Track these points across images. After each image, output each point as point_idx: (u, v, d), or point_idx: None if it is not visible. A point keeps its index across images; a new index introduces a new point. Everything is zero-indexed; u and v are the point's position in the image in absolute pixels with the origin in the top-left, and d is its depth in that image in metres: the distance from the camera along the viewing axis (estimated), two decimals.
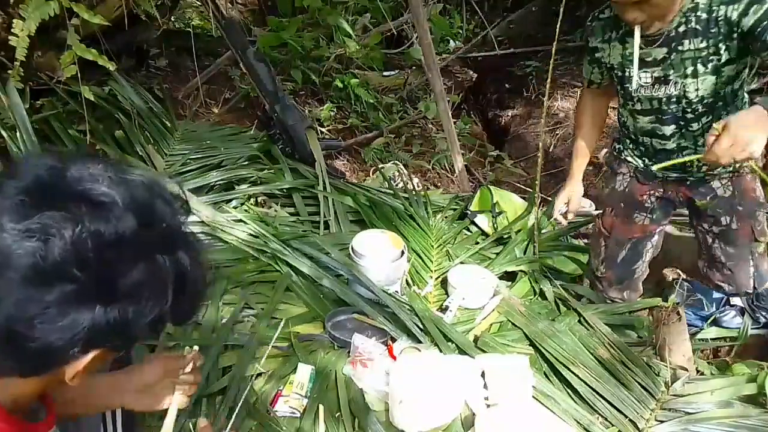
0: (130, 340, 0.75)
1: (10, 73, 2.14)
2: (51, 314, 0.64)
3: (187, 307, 0.79)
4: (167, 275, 0.72)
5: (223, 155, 2.79)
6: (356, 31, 4.01)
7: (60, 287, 0.64)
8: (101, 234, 0.65)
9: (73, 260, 0.64)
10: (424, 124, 4.14)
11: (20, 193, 0.66)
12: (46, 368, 0.71)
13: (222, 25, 2.92)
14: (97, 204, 0.67)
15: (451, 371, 1.60)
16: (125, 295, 0.68)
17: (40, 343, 0.66)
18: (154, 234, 0.71)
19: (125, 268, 0.68)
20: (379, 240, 2.10)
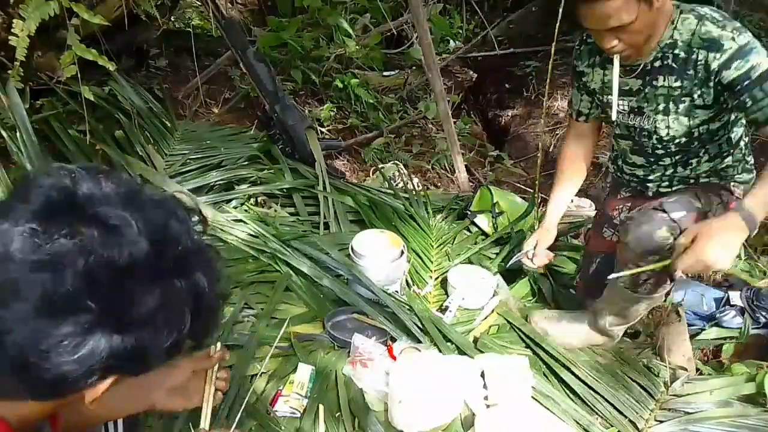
0: (147, 366, 0.72)
1: (10, 73, 2.14)
2: (65, 346, 0.63)
3: (204, 328, 0.76)
4: (184, 299, 0.70)
5: (223, 155, 2.79)
6: (356, 31, 4.01)
7: (73, 319, 0.62)
8: (114, 261, 0.63)
9: (85, 290, 0.62)
10: (424, 124, 4.14)
11: (30, 221, 0.63)
12: (61, 395, 0.70)
13: (222, 25, 2.92)
14: (109, 228, 0.64)
15: (451, 371, 1.60)
16: (141, 322, 0.66)
17: (55, 374, 0.64)
18: (169, 258, 0.68)
19: (140, 294, 0.66)
20: (378, 240, 2.10)
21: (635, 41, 1.44)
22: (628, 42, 1.43)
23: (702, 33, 1.41)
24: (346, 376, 1.67)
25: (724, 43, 1.37)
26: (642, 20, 1.38)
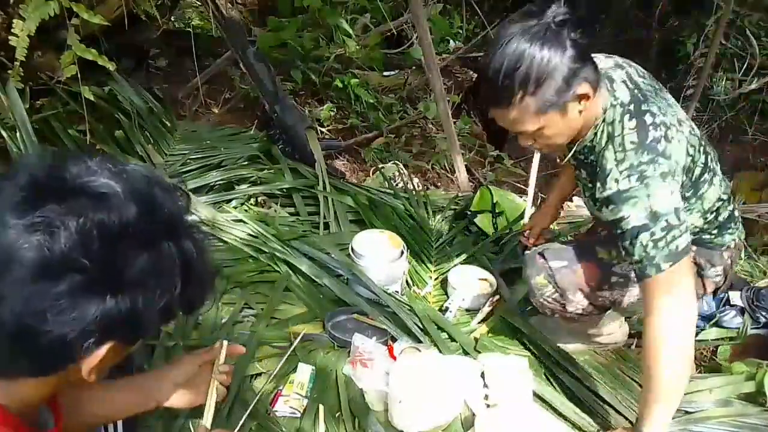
0: (141, 331, 0.75)
1: (10, 73, 2.14)
2: (62, 306, 0.65)
3: (195, 296, 0.79)
4: (173, 262, 0.72)
5: (223, 155, 2.79)
6: (356, 31, 4.00)
7: (69, 278, 0.64)
8: (105, 223, 0.66)
9: (79, 250, 0.64)
10: (424, 124, 4.14)
11: (19, 193, 0.66)
12: (60, 363, 0.71)
13: (222, 25, 2.92)
14: (97, 195, 0.67)
15: (451, 371, 1.60)
16: (133, 283, 0.69)
17: (53, 337, 0.66)
18: (157, 221, 0.71)
19: (131, 256, 0.68)
20: (378, 240, 2.10)
21: (549, 144, 1.38)
22: (542, 144, 1.38)
23: (602, 157, 1.32)
24: (346, 376, 1.67)
25: (608, 181, 1.29)
26: (553, 128, 1.31)
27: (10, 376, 0.73)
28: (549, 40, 1.20)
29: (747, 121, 4.26)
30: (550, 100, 1.24)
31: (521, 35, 1.21)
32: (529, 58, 1.20)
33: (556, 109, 1.26)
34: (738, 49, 4.25)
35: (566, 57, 1.21)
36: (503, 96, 1.27)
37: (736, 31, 4.25)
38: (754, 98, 4.22)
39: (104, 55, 2.25)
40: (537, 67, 1.20)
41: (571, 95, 1.25)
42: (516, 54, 1.21)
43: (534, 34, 1.20)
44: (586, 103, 1.29)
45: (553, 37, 1.20)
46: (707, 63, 3.13)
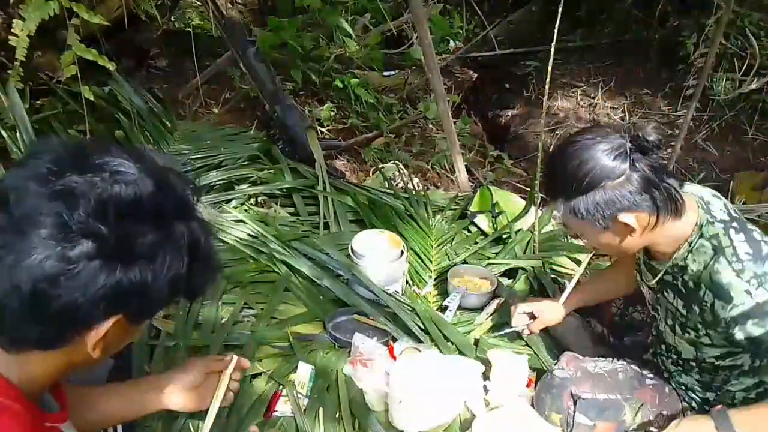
0: (147, 306, 0.78)
1: (10, 73, 2.14)
2: (74, 271, 0.68)
3: (200, 280, 0.83)
4: (182, 240, 0.77)
5: (223, 155, 2.79)
6: (356, 31, 4.01)
7: (84, 244, 0.68)
8: (120, 196, 0.71)
9: (95, 219, 0.68)
10: (424, 124, 4.14)
11: (43, 165, 0.70)
12: (68, 331, 0.74)
13: (222, 25, 2.92)
14: (115, 171, 0.72)
15: (451, 371, 1.60)
16: (143, 256, 0.72)
17: (64, 302, 0.69)
18: (169, 200, 0.76)
19: (143, 230, 0.72)
20: (378, 240, 2.10)
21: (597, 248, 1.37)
22: (590, 245, 1.36)
23: (713, 271, 1.21)
24: (346, 376, 1.67)
25: (735, 296, 1.17)
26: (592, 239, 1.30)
27: (18, 347, 0.75)
28: (614, 157, 1.18)
29: (747, 121, 4.26)
30: (583, 212, 1.21)
31: (590, 140, 1.20)
32: (582, 161, 1.19)
33: (590, 224, 1.23)
34: (738, 49, 4.25)
35: (619, 182, 1.18)
36: (546, 189, 1.30)
37: (736, 31, 4.25)
38: (754, 98, 4.22)
39: (104, 55, 2.25)
40: (581, 178, 1.19)
41: (610, 218, 1.21)
42: (574, 153, 1.21)
43: (603, 146, 1.19)
44: (632, 232, 1.23)
45: (620, 156, 1.18)
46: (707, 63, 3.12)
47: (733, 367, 1.33)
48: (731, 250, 1.20)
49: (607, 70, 4.99)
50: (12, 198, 0.68)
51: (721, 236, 1.23)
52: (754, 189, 3.58)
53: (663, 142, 1.21)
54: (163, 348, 1.70)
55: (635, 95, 4.69)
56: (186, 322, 1.79)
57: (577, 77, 4.98)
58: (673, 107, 4.51)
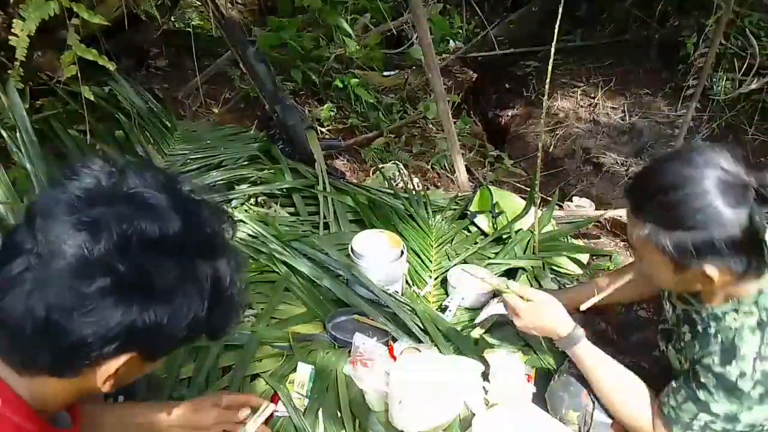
0: (162, 346, 0.76)
1: (10, 73, 2.14)
2: (89, 307, 0.67)
3: (220, 321, 0.80)
4: (205, 282, 0.73)
5: (223, 155, 2.79)
6: (356, 31, 4.00)
7: (101, 280, 0.66)
8: (145, 232, 0.68)
9: (116, 254, 0.67)
10: (424, 124, 4.14)
11: (77, 191, 0.70)
12: (78, 364, 0.72)
13: (222, 25, 2.92)
14: (145, 205, 0.70)
15: (451, 371, 1.60)
16: (162, 296, 0.70)
17: (75, 337, 0.67)
18: (197, 238, 0.73)
19: (165, 269, 0.70)
20: (378, 240, 2.10)
21: (648, 274, 1.21)
22: (642, 269, 1.22)
23: (740, 337, 1.10)
24: (346, 376, 1.67)
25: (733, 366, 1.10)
26: (653, 268, 1.16)
27: (32, 371, 0.74)
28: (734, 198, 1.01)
29: (747, 121, 4.25)
30: (671, 248, 1.06)
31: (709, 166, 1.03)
32: (695, 192, 1.02)
33: (669, 260, 1.08)
34: (738, 49, 4.25)
35: (730, 228, 1.01)
36: (635, 201, 1.13)
37: (736, 31, 4.25)
38: (754, 98, 4.22)
39: (104, 55, 2.25)
40: (693, 207, 1.02)
41: (694, 263, 1.06)
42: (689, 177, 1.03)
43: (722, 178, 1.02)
44: (707, 282, 1.09)
45: (739, 199, 1.01)
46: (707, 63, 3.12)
47: None
48: (759, 338, 1.08)
49: (607, 70, 4.99)
50: (38, 221, 0.68)
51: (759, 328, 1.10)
52: None
53: None
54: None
55: (635, 95, 4.69)
56: None
57: (577, 77, 4.98)
58: (673, 107, 4.51)
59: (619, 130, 4.43)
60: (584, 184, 4.06)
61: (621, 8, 5.19)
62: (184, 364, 1.66)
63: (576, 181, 4.10)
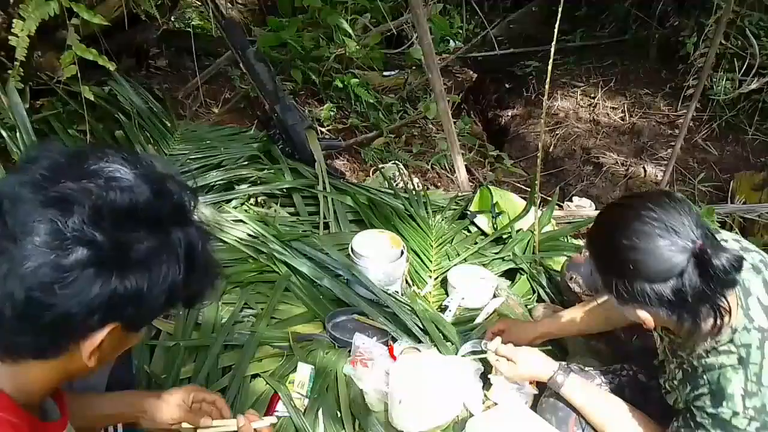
0: (144, 314, 0.77)
1: (10, 73, 2.14)
2: (69, 279, 0.67)
3: (197, 287, 0.82)
4: (178, 247, 0.75)
5: (223, 155, 2.79)
6: (356, 31, 4.01)
7: (78, 252, 0.67)
8: (116, 203, 0.69)
9: (90, 226, 0.67)
10: (424, 124, 4.14)
11: (39, 172, 0.70)
12: (63, 341, 0.73)
13: (222, 25, 2.92)
14: (112, 178, 0.71)
15: (451, 371, 1.60)
16: (139, 264, 0.71)
17: (58, 312, 0.68)
18: (166, 206, 0.75)
19: (139, 236, 0.71)
20: (378, 240, 2.10)
21: None
22: None
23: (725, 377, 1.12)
24: (346, 376, 1.67)
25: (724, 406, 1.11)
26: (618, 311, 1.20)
27: (14, 357, 0.74)
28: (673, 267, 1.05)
29: (747, 121, 4.26)
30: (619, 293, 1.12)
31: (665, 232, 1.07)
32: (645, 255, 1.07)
33: (612, 295, 1.16)
34: (738, 49, 4.25)
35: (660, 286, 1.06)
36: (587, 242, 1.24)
37: (736, 31, 4.25)
38: (754, 98, 4.22)
39: (104, 55, 2.25)
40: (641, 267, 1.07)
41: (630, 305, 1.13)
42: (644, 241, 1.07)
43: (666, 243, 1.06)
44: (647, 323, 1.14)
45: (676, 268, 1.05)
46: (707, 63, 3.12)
47: None
48: (756, 368, 1.10)
49: (607, 70, 4.99)
50: (5, 205, 0.67)
51: (753, 349, 1.11)
52: (754, 189, 3.58)
53: (734, 267, 1.04)
54: (163, 348, 1.70)
55: (635, 95, 4.69)
56: (186, 322, 1.80)
57: (577, 77, 4.98)
58: (673, 107, 4.51)
59: (619, 130, 4.44)
60: (584, 184, 4.06)
61: (621, 8, 5.19)
62: (184, 364, 1.66)
63: (576, 181, 4.11)
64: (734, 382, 1.11)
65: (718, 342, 1.15)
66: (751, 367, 1.10)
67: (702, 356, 1.18)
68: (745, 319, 1.13)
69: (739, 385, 1.10)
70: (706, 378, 1.16)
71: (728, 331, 1.14)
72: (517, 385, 1.59)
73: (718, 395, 1.12)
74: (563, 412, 1.44)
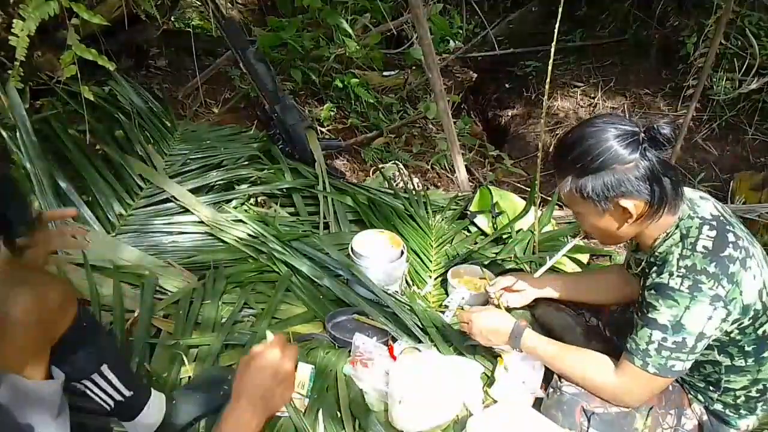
0: None
1: (10, 73, 2.14)
2: None
3: None
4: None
5: (223, 155, 2.79)
6: (356, 31, 4.01)
7: None
8: None
9: None
10: (424, 124, 4.14)
11: None
12: None
13: (222, 25, 2.92)
14: None
15: (451, 371, 1.60)
16: None
17: None
18: None
19: None
20: (378, 240, 2.10)
21: (591, 232, 1.41)
22: (587, 229, 1.40)
23: (669, 251, 1.29)
24: (346, 376, 1.67)
25: (664, 272, 1.26)
26: (589, 220, 1.33)
27: None
28: (624, 145, 1.22)
29: (747, 121, 4.26)
30: (587, 192, 1.26)
31: (606, 124, 1.25)
32: (592, 145, 1.23)
33: (593, 204, 1.27)
34: (738, 49, 4.25)
35: (628, 168, 1.22)
36: (555, 163, 1.33)
37: (736, 31, 4.25)
38: (754, 98, 4.22)
39: (104, 55, 2.24)
40: (593, 157, 1.23)
41: (612, 201, 1.26)
42: (585, 135, 1.25)
43: (616, 133, 1.23)
44: (629, 218, 1.28)
45: (631, 145, 1.22)
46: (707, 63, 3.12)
47: (705, 361, 1.38)
48: (692, 240, 1.26)
49: (607, 70, 4.99)
50: None
51: (693, 229, 1.28)
52: (754, 189, 3.58)
53: (675, 137, 1.24)
54: (163, 347, 1.70)
55: (635, 95, 4.69)
56: (186, 321, 1.80)
57: (577, 77, 4.98)
58: (673, 107, 4.51)
59: None
60: None
61: (621, 8, 5.19)
62: (184, 364, 1.66)
63: None
64: (674, 252, 1.27)
65: (668, 233, 1.32)
66: (688, 240, 1.27)
67: (656, 252, 1.33)
68: (689, 211, 1.31)
69: (676, 252, 1.27)
70: (656, 262, 1.32)
71: (671, 222, 1.31)
72: (521, 383, 1.59)
73: (662, 266, 1.28)
74: (568, 404, 1.44)
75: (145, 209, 2.36)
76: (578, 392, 1.45)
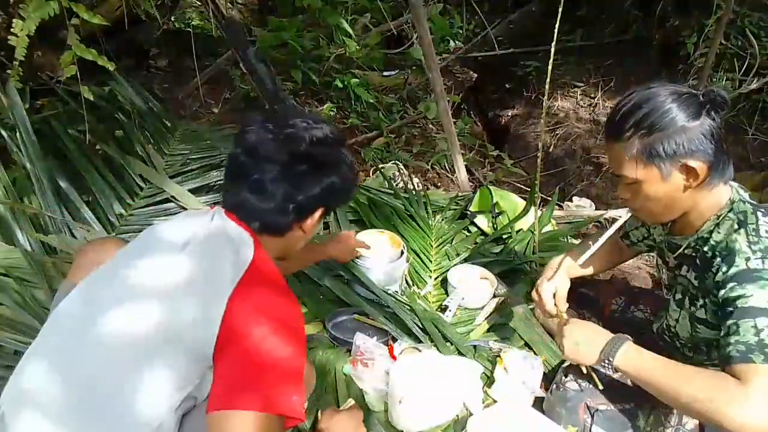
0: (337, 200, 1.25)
1: (10, 73, 2.14)
2: None
3: None
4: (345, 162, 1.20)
5: (223, 155, 2.79)
6: (356, 31, 4.01)
7: None
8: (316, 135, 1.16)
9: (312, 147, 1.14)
10: (424, 124, 4.14)
11: None
12: None
13: (222, 25, 2.92)
14: None
15: (451, 371, 1.60)
16: None
17: None
18: None
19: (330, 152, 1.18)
20: (378, 240, 2.10)
21: (644, 206, 1.30)
22: (638, 204, 1.30)
23: (731, 240, 1.21)
24: (347, 375, 1.67)
25: (736, 260, 1.18)
26: (651, 188, 1.24)
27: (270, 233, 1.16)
28: (687, 104, 1.19)
29: (747, 121, 4.26)
30: (656, 152, 1.20)
31: (664, 87, 1.22)
32: (657, 104, 1.20)
33: (657, 168, 1.21)
34: (738, 49, 4.25)
35: (695, 125, 1.18)
36: (616, 128, 1.25)
37: (736, 31, 4.25)
38: (754, 98, 4.22)
39: (104, 55, 2.25)
40: (660, 114, 1.19)
41: (680, 161, 1.20)
42: (648, 96, 1.22)
43: (676, 93, 1.20)
44: (693, 181, 1.22)
45: (694, 105, 1.19)
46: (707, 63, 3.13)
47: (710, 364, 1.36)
48: (754, 225, 1.21)
49: (607, 70, 4.99)
50: None
51: (749, 214, 1.24)
52: (754, 189, 3.58)
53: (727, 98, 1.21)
54: None
55: None
56: None
57: (577, 77, 4.98)
58: None
59: None
60: (584, 184, 4.06)
61: (621, 8, 5.19)
62: None
63: (576, 181, 4.11)
64: (739, 239, 1.21)
65: (720, 216, 1.27)
66: (749, 226, 1.22)
67: (706, 238, 1.29)
68: (738, 195, 1.28)
69: (743, 239, 1.20)
70: (716, 252, 1.25)
71: (728, 203, 1.27)
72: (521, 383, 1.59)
73: (730, 256, 1.20)
74: (572, 401, 1.44)
75: (145, 209, 2.36)
76: (582, 389, 1.45)
